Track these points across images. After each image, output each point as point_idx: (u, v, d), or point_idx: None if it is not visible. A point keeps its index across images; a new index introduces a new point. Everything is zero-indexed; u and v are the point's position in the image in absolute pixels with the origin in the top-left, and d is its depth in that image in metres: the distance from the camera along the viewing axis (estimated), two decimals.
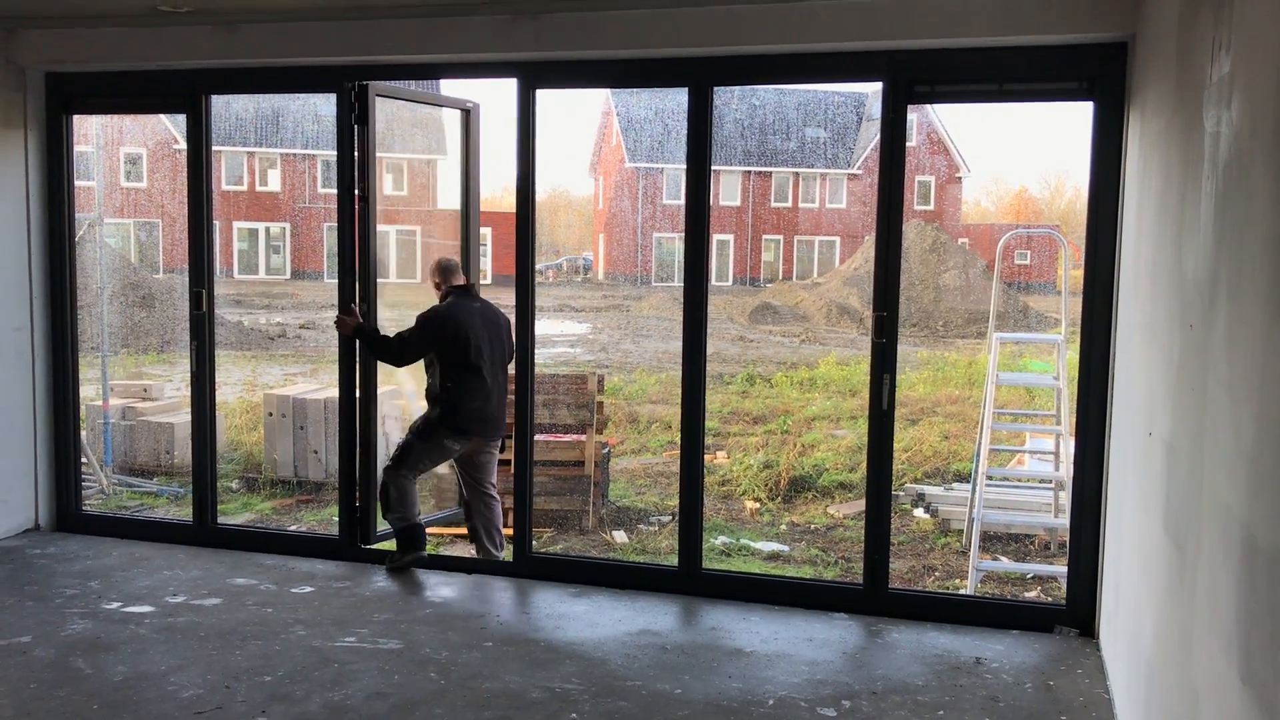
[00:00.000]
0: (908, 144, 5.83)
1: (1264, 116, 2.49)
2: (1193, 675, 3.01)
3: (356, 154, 6.44)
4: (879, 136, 5.81)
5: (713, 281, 7.46)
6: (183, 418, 10.28)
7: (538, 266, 6.27)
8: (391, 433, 10.31)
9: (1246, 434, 2.52)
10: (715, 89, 5.94)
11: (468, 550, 7.97)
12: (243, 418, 12.83)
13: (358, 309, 6.49)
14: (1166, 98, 4.05)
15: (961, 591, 7.52)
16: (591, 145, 59.46)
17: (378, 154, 6.47)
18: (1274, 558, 2.25)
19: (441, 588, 6.15)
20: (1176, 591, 3.34)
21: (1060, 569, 7.01)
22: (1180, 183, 3.61)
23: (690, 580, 6.14)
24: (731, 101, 42.74)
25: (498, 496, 6.97)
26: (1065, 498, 7.50)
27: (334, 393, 6.91)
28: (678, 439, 12.56)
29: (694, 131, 5.95)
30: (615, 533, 8.78)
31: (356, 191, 6.43)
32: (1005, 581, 7.89)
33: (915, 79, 5.61)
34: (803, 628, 5.60)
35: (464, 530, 8.27)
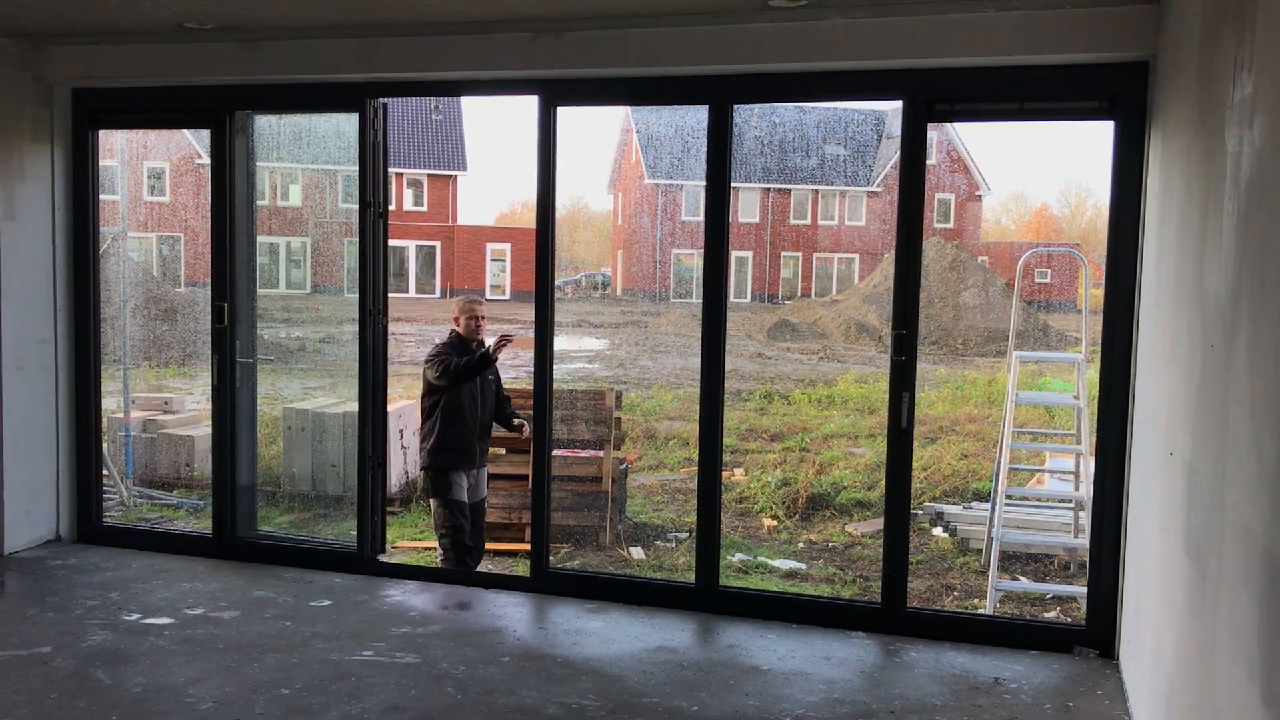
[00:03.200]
0: (927, 162, 5.82)
1: None
2: (1214, 697, 2.99)
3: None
4: (899, 154, 5.82)
5: (731, 298, 7.48)
6: (203, 430, 10.33)
7: (556, 282, 6.29)
8: (409, 446, 10.35)
9: (1268, 455, 2.51)
10: (735, 107, 5.96)
11: (486, 566, 7.98)
12: (262, 431, 12.87)
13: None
14: (1188, 117, 4.05)
15: (980, 611, 7.48)
16: (611, 162, 59.64)
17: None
18: None
19: (459, 602, 6.15)
20: (1197, 613, 3.31)
21: (1080, 589, 6.97)
22: (1202, 202, 3.60)
23: (707, 597, 6.13)
24: (751, 119, 42.81)
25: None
26: (1085, 518, 7.46)
27: (353, 407, 6.94)
28: (695, 455, 12.53)
29: (714, 148, 5.97)
30: (632, 549, 8.78)
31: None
32: (1024, 601, 7.84)
33: (935, 97, 5.62)
34: (820, 646, 5.58)
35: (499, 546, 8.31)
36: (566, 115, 6.27)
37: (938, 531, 9.59)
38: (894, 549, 5.88)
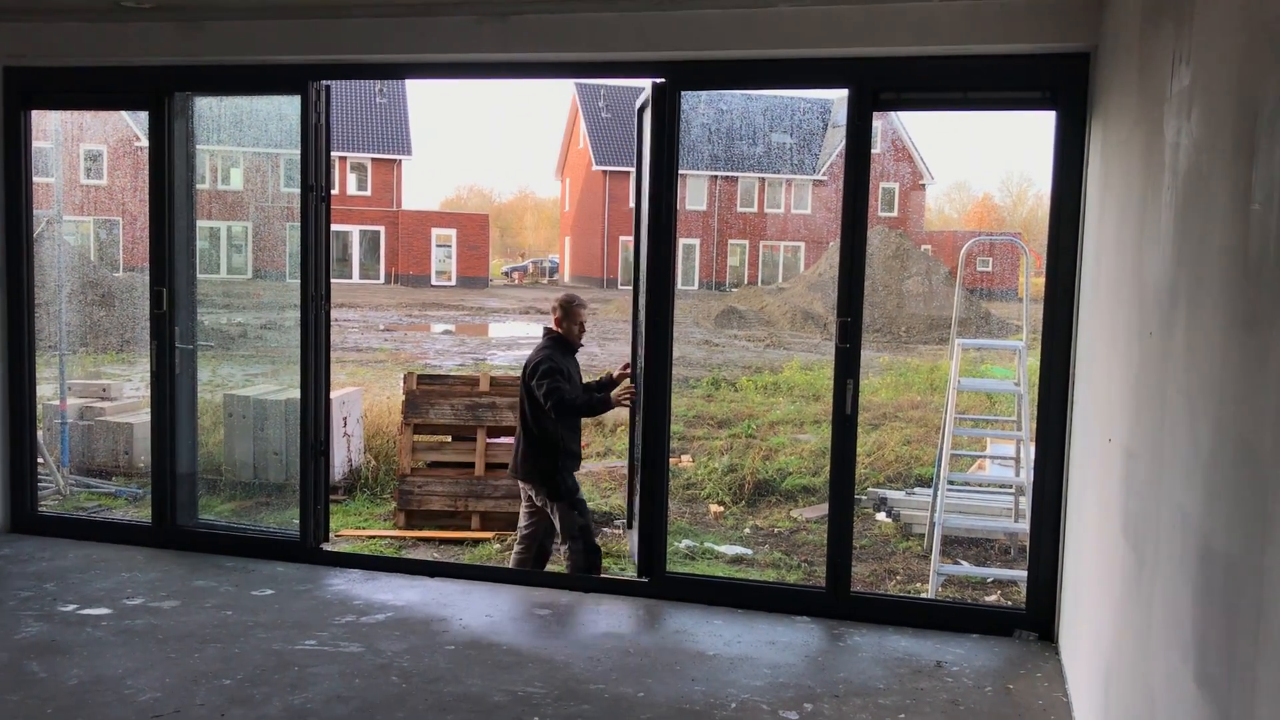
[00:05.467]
0: (872, 151, 5.86)
1: (1222, 128, 2.53)
2: (1150, 678, 3.05)
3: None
4: (844, 143, 5.85)
5: (679, 285, 7.48)
6: (142, 418, 10.15)
7: (503, 269, 6.27)
8: (353, 434, 10.25)
9: (1204, 441, 2.56)
10: (683, 93, 5.95)
11: (431, 554, 7.94)
12: (203, 418, 12.68)
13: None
14: (1128, 108, 4.11)
15: (923, 595, 7.57)
16: (558, 148, 59.43)
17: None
18: (1229, 563, 2.28)
19: (404, 591, 6.11)
20: (1134, 596, 3.37)
21: (1020, 573, 7.08)
22: (1141, 192, 3.66)
23: (654, 584, 6.13)
24: (699, 106, 42.89)
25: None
26: (1025, 503, 7.56)
27: (296, 394, 6.86)
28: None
29: (663, 134, 5.95)
30: None
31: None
32: (966, 585, 7.95)
33: (881, 86, 5.65)
34: (765, 631, 5.61)
35: (429, 534, 8.28)
36: (510, 100, 6.24)
37: (881, 517, 9.69)
38: (838, 534, 5.93)
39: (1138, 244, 3.65)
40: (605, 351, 22.98)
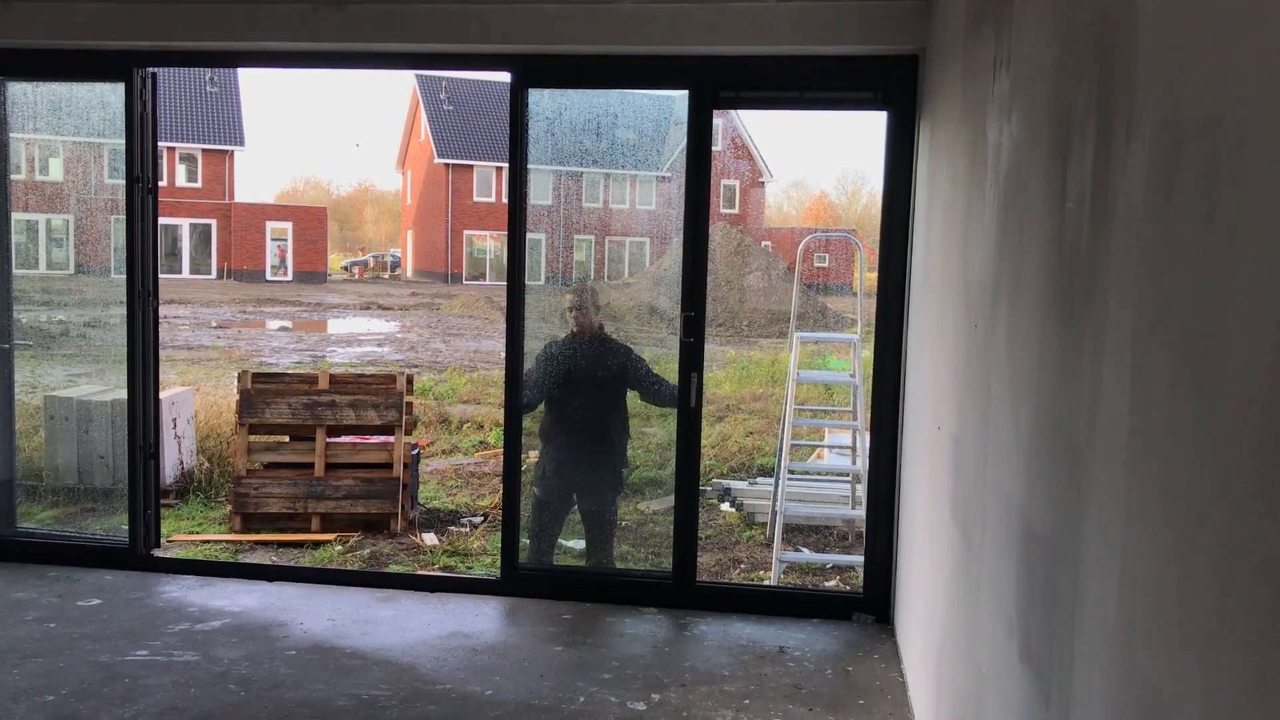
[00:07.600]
0: (713, 148, 5.95)
1: (1040, 131, 2.66)
2: (978, 656, 3.18)
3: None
4: (686, 140, 5.92)
5: (526, 281, 7.42)
6: None
7: (341, 263, 6.12)
8: (184, 435, 9.87)
9: (1024, 428, 2.69)
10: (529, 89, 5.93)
11: (270, 558, 7.71)
12: (21, 422, 11.99)
13: None
14: (954, 109, 4.28)
15: (766, 583, 7.73)
16: (399, 140, 58.35)
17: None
18: (1049, 544, 2.41)
19: (241, 596, 5.92)
20: (963, 578, 3.52)
21: (857, 559, 7.30)
22: (966, 190, 3.81)
23: (504, 581, 6.10)
24: (542, 100, 42.75)
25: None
26: (862, 490, 7.80)
27: (123, 394, 6.56)
28: (489, 439, 12.39)
29: (512, 129, 5.92)
30: (425, 535, 8.64)
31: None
32: (807, 572, 8.15)
33: (721, 84, 5.75)
34: (614, 623, 5.65)
35: (267, 537, 8.05)
36: (350, 90, 6.10)
37: (725, 507, 9.85)
38: (684, 525, 6.01)
39: (963, 241, 3.81)
40: (450, 348, 22.70)
